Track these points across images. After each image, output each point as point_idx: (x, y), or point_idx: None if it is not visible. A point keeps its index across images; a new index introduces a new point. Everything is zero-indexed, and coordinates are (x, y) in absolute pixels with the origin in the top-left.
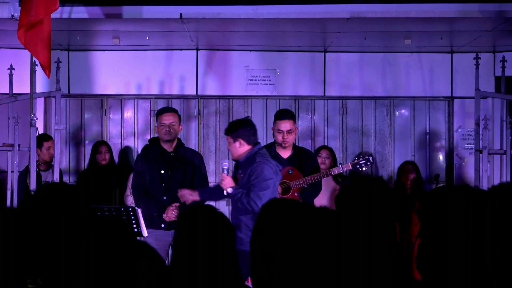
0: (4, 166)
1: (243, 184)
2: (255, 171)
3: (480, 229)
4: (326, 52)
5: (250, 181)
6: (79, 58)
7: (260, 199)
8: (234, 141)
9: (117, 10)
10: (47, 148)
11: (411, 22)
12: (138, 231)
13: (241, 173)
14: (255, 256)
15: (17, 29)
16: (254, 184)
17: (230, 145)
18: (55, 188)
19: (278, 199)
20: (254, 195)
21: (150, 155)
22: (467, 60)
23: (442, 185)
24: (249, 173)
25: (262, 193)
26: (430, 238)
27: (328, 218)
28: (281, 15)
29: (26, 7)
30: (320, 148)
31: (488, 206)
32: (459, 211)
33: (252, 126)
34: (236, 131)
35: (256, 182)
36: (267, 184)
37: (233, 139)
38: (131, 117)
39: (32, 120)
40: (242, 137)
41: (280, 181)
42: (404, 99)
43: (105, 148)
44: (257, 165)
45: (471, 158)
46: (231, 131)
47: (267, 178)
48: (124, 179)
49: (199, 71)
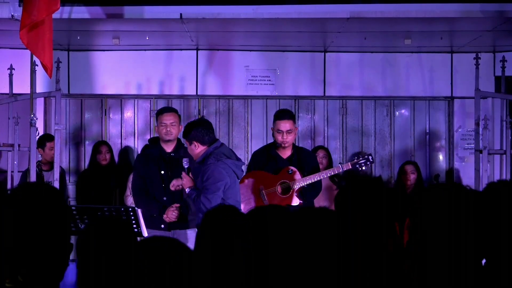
0: (4, 166)
1: (198, 185)
2: (205, 173)
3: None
4: (326, 52)
5: (203, 183)
6: (79, 58)
7: (210, 201)
8: (190, 144)
9: (117, 10)
10: (50, 148)
11: (411, 22)
12: (138, 231)
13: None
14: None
15: (19, 29)
16: (204, 186)
17: (188, 148)
18: (28, 188)
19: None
20: (204, 198)
21: (150, 156)
22: (467, 60)
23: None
24: (201, 175)
25: (211, 196)
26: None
27: (327, 218)
28: (281, 15)
29: (27, 7)
30: (317, 148)
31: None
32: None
33: (204, 125)
34: (189, 134)
35: (206, 185)
36: (217, 187)
37: (189, 142)
38: (131, 117)
39: (32, 120)
40: (196, 138)
41: (241, 177)
42: (404, 99)
43: (106, 148)
44: (208, 167)
45: (471, 158)
46: (185, 134)
47: (217, 180)
48: (124, 179)
49: (199, 71)
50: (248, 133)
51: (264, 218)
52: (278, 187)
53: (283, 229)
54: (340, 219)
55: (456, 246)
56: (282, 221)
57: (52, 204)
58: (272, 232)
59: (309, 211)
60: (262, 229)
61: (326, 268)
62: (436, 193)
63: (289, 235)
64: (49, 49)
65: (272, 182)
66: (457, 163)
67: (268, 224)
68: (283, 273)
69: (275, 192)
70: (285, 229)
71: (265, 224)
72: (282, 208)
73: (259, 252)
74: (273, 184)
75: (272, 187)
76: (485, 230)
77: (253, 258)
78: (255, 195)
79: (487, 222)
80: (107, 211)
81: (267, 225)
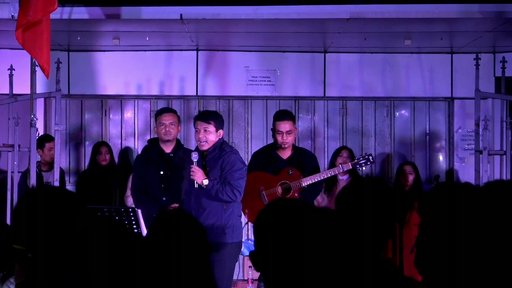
0: (4, 167)
1: (215, 175)
2: (227, 161)
3: (478, 226)
4: (326, 53)
5: (226, 172)
6: (79, 59)
7: (241, 187)
8: (216, 130)
9: (117, 10)
10: (49, 149)
11: (411, 23)
12: (138, 231)
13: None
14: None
15: (15, 29)
16: (230, 174)
17: (209, 133)
18: (46, 191)
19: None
20: (235, 185)
21: (149, 156)
22: (467, 60)
23: (443, 182)
24: (221, 163)
25: (242, 181)
26: (428, 236)
27: (328, 218)
28: (281, 15)
29: (24, 7)
30: (340, 149)
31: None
32: (457, 208)
33: None
34: (219, 120)
35: (232, 172)
36: (243, 173)
37: (216, 128)
38: (131, 117)
39: (32, 120)
40: (222, 127)
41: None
42: (404, 100)
43: (105, 149)
44: (229, 155)
45: (471, 159)
46: (213, 119)
47: (242, 166)
48: (124, 180)
49: (199, 71)
50: (248, 133)
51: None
52: (279, 187)
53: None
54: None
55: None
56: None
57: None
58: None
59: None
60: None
61: (326, 268)
62: (450, 193)
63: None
64: (47, 50)
65: (272, 182)
66: (457, 164)
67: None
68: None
69: (275, 193)
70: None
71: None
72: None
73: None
74: (273, 185)
75: (273, 187)
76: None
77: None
78: (255, 196)
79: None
80: (107, 212)
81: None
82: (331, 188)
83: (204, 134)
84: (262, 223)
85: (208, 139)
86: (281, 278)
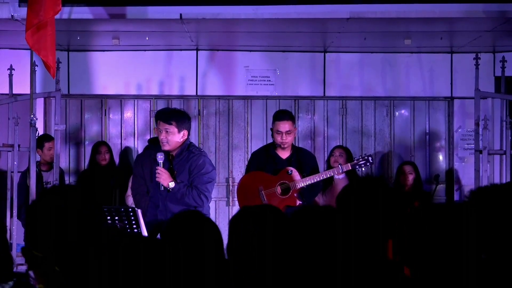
0: (4, 167)
1: (183, 178)
2: (196, 164)
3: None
4: (326, 53)
5: (194, 175)
6: (79, 59)
7: (209, 192)
8: (179, 131)
9: (117, 10)
10: (48, 148)
11: (411, 22)
12: (138, 231)
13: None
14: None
15: (25, 30)
16: (198, 178)
17: (171, 134)
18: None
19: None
20: (202, 189)
21: (150, 156)
22: (467, 60)
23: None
24: (189, 166)
25: (210, 185)
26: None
27: (329, 217)
28: (281, 15)
29: (34, 8)
30: (334, 148)
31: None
32: None
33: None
34: (183, 121)
35: (200, 175)
36: (212, 176)
37: (178, 129)
38: (131, 117)
39: (32, 120)
40: (187, 128)
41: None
42: (404, 99)
43: (105, 149)
44: (198, 158)
45: (471, 158)
46: (175, 119)
47: (211, 169)
48: (124, 180)
49: (199, 71)
50: (248, 133)
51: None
52: (278, 187)
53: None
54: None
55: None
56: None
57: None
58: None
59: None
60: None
61: (326, 268)
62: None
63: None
64: (52, 50)
65: (271, 182)
66: (457, 163)
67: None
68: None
69: (274, 193)
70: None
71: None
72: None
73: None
74: (272, 185)
75: (272, 187)
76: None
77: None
78: (255, 196)
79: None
80: (107, 212)
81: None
82: (326, 187)
83: (165, 135)
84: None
85: (169, 140)
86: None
